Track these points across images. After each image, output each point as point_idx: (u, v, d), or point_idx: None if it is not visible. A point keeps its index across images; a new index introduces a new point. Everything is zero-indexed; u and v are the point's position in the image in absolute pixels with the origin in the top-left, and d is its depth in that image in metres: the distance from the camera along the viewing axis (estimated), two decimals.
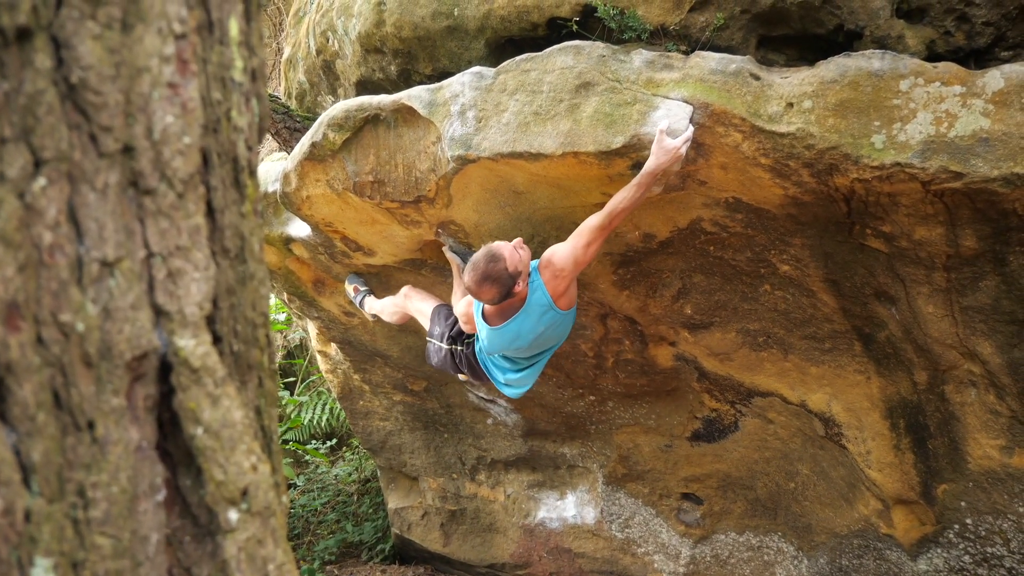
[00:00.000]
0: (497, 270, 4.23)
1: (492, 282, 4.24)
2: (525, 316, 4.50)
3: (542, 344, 4.73)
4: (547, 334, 4.63)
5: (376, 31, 5.28)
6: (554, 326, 4.58)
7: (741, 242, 4.73)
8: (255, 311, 1.46)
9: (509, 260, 4.24)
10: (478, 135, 4.39)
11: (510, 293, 4.34)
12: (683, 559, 6.86)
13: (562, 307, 4.50)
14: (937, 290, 4.36)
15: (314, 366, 11.55)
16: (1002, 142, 3.61)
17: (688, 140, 3.92)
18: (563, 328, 4.70)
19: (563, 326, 4.68)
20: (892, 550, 5.67)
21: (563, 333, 4.77)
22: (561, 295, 4.45)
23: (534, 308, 4.47)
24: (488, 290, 4.27)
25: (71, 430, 1.16)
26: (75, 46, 1.12)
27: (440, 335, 5.33)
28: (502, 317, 4.57)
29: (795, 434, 5.84)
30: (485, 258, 4.25)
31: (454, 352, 5.27)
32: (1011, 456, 4.76)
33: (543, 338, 4.65)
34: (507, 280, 4.26)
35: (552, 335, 4.69)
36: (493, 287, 4.26)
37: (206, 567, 1.33)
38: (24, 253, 1.09)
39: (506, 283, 4.27)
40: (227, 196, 1.38)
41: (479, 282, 4.25)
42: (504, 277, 4.24)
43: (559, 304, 4.48)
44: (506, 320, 4.55)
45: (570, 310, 4.60)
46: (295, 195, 5.33)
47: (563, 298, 4.47)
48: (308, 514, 10.05)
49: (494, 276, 4.23)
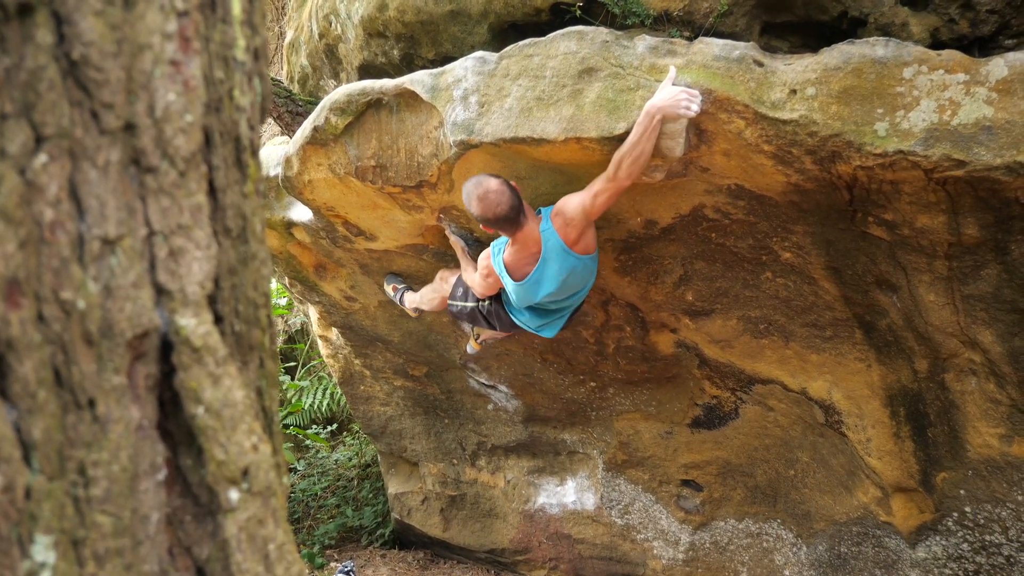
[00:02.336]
0: (495, 184, 4.30)
1: (497, 195, 4.27)
2: (544, 264, 4.55)
3: (568, 289, 4.78)
4: (570, 281, 4.68)
5: (379, 15, 5.27)
6: (575, 272, 4.62)
7: (743, 229, 4.72)
8: (256, 291, 1.46)
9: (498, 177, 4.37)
10: (480, 120, 4.38)
11: (520, 209, 4.38)
12: (682, 545, 6.87)
13: (579, 251, 4.52)
14: (938, 278, 4.36)
15: (315, 351, 11.57)
16: (1005, 130, 3.60)
17: (693, 95, 3.91)
18: (585, 273, 4.73)
19: (585, 271, 4.69)
20: (891, 538, 5.68)
21: (587, 278, 4.81)
22: (575, 242, 4.47)
23: (552, 254, 4.51)
24: (496, 204, 4.28)
25: (72, 408, 1.16)
26: (76, 22, 1.12)
27: (463, 294, 5.38)
28: (524, 267, 4.63)
29: (795, 422, 5.84)
30: (475, 181, 4.35)
31: (480, 309, 5.33)
32: (1011, 445, 4.77)
33: (567, 284, 4.70)
34: (509, 192, 4.31)
35: (575, 281, 4.72)
36: (501, 202, 4.28)
37: (206, 546, 1.33)
38: (25, 230, 1.09)
39: (510, 196, 4.31)
40: (229, 175, 1.37)
41: (484, 196, 4.28)
42: (504, 188, 4.30)
43: (576, 249, 4.50)
44: (529, 271, 4.62)
45: (589, 255, 4.62)
46: (297, 179, 5.33)
47: (578, 244, 4.49)
48: (308, 498, 10.07)
49: (495, 189, 4.28)
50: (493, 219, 4.32)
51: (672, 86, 3.93)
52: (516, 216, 4.36)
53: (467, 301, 5.35)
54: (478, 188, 4.29)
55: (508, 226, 4.40)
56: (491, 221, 4.34)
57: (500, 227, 4.40)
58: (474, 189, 4.30)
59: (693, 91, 3.91)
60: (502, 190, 4.28)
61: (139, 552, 1.24)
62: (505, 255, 4.66)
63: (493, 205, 4.27)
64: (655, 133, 3.94)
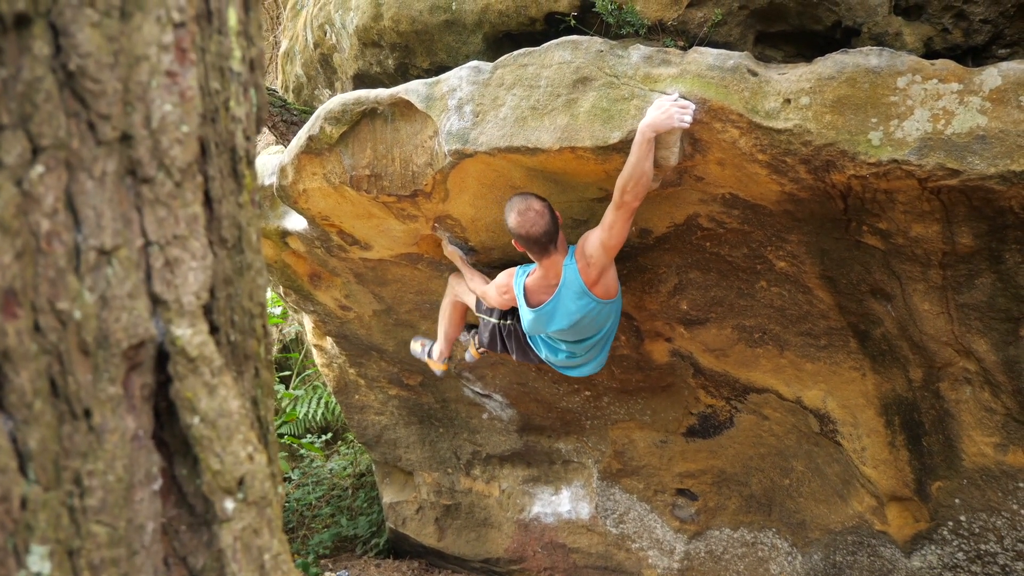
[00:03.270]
0: (538, 204, 4.36)
1: (536, 215, 4.32)
2: (559, 299, 4.59)
3: (582, 331, 4.79)
4: (585, 323, 4.70)
5: (374, 25, 5.28)
6: (591, 315, 4.64)
7: (737, 238, 4.73)
8: (252, 301, 1.46)
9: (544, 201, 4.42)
10: (475, 129, 4.39)
11: (554, 238, 4.43)
12: (677, 554, 6.87)
13: (599, 294, 4.54)
14: (933, 287, 4.37)
15: (310, 360, 11.56)
16: (999, 139, 3.61)
17: (686, 106, 3.92)
18: (602, 318, 4.74)
19: (602, 316, 4.72)
20: (886, 547, 5.68)
21: (603, 323, 4.81)
22: (595, 282, 4.49)
23: (569, 290, 4.54)
24: (532, 223, 4.32)
25: (68, 418, 1.16)
26: (73, 34, 1.12)
27: (489, 309, 5.37)
28: (540, 296, 4.67)
29: (790, 430, 5.85)
30: (521, 195, 4.41)
31: (501, 327, 5.34)
32: (1005, 453, 4.77)
33: (581, 326, 4.72)
34: (549, 216, 4.36)
35: (590, 324, 4.73)
36: (538, 222, 4.32)
37: (202, 556, 1.33)
38: (22, 240, 1.09)
39: (548, 220, 4.35)
40: (225, 186, 1.37)
41: (524, 212, 4.33)
42: (545, 211, 4.35)
43: (595, 291, 4.52)
44: (544, 300, 4.66)
45: (610, 299, 4.64)
46: (292, 188, 5.33)
47: (598, 286, 4.52)
48: (303, 508, 10.05)
49: (536, 208, 4.33)
50: (525, 236, 4.37)
51: (663, 100, 3.94)
52: (548, 242, 4.42)
53: (492, 316, 5.39)
54: (522, 202, 4.35)
55: (537, 249, 4.45)
56: (522, 238, 4.39)
57: (529, 247, 4.45)
58: (519, 202, 4.36)
59: (686, 102, 3.91)
60: (543, 211, 4.33)
61: (135, 562, 1.24)
62: (528, 279, 4.73)
63: (529, 223, 4.32)
64: (652, 151, 3.95)
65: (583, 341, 4.92)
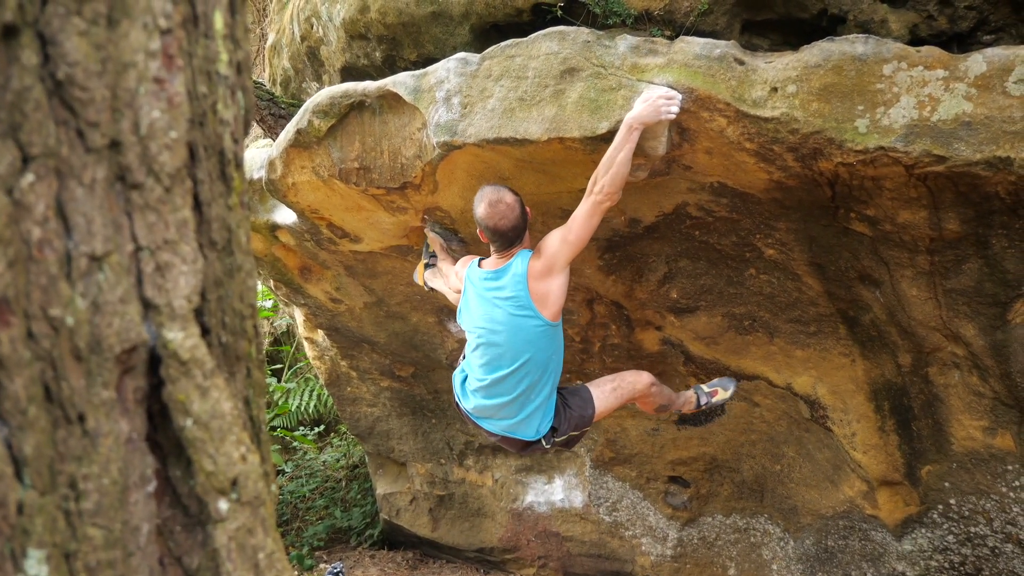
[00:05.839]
0: (510, 198, 4.27)
1: (507, 209, 4.24)
2: (495, 276, 4.41)
3: (494, 330, 4.41)
4: (500, 319, 4.37)
5: (360, 17, 5.28)
6: (517, 319, 4.33)
7: (726, 226, 4.75)
8: (243, 303, 1.47)
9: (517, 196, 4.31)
10: (463, 121, 4.39)
11: (521, 234, 4.33)
12: (670, 541, 6.90)
13: (535, 296, 4.28)
14: (921, 273, 4.39)
15: (301, 353, 11.55)
16: (984, 126, 3.63)
17: (672, 97, 3.90)
18: (528, 338, 4.35)
19: (529, 332, 4.35)
20: (877, 531, 5.71)
21: (525, 349, 4.37)
22: (538, 277, 4.25)
23: (508, 273, 4.34)
24: (502, 216, 4.23)
25: (62, 423, 1.17)
26: (61, 42, 1.13)
27: None
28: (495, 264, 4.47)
29: (781, 417, 5.87)
30: (494, 187, 4.30)
31: None
32: (994, 437, 4.81)
33: (495, 321, 4.39)
34: (519, 212, 4.27)
35: (512, 336, 4.36)
36: (507, 216, 4.24)
37: (197, 556, 1.34)
38: (13, 249, 1.10)
39: (518, 216, 4.27)
40: (214, 189, 1.38)
41: (495, 204, 4.24)
42: (516, 206, 4.27)
43: (532, 289, 4.27)
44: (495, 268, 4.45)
45: (544, 320, 4.32)
46: (280, 182, 5.33)
47: (539, 283, 4.27)
48: (296, 500, 10.06)
49: (507, 202, 4.24)
50: (492, 228, 4.27)
51: (650, 91, 3.94)
52: (515, 237, 4.33)
53: None
54: (493, 194, 4.26)
55: (501, 242, 4.35)
56: (488, 229, 4.29)
57: (494, 239, 4.35)
58: (490, 192, 4.27)
59: (672, 92, 3.92)
60: (513, 205, 4.25)
61: (130, 563, 1.26)
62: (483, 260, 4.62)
63: (499, 215, 4.23)
64: (633, 144, 3.92)
65: (495, 366, 4.47)
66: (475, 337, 4.53)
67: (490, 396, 4.53)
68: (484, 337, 4.45)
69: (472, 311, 4.55)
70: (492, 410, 4.56)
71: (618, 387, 4.80)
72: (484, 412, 4.61)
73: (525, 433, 4.57)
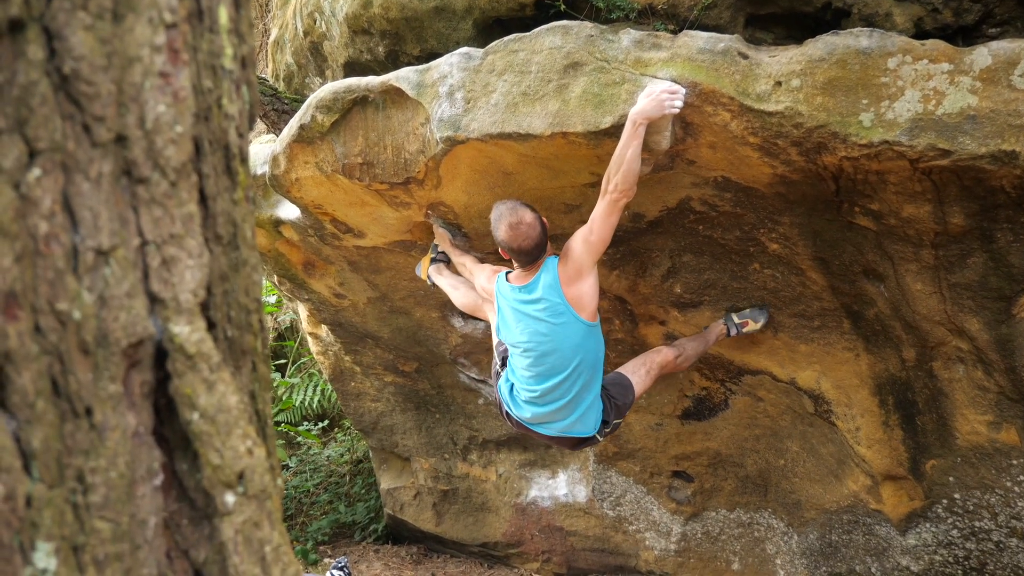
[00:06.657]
0: (530, 216, 4.26)
1: (529, 228, 4.23)
2: (531, 286, 4.42)
3: (537, 343, 4.44)
4: (541, 331, 4.41)
5: (363, 12, 5.27)
6: (559, 326, 4.37)
7: (730, 221, 4.74)
8: (248, 297, 1.47)
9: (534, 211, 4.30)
10: (467, 116, 4.39)
11: (544, 248, 4.33)
12: (674, 536, 6.90)
13: (571, 299, 4.33)
14: (925, 267, 4.39)
15: (305, 348, 11.55)
16: (989, 119, 3.62)
17: (676, 91, 3.90)
18: (573, 341, 4.41)
19: (572, 335, 4.40)
20: (881, 525, 5.71)
21: (575, 354, 4.43)
22: (570, 282, 4.30)
23: (541, 282, 4.37)
24: (525, 237, 4.23)
25: (70, 417, 1.17)
26: (67, 37, 1.13)
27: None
28: (524, 278, 4.49)
29: (784, 411, 5.87)
30: (510, 206, 4.29)
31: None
32: (998, 431, 4.81)
33: (537, 335, 4.43)
34: (540, 228, 4.27)
35: (557, 343, 4.40)
36: (531, 236, 4.23)
37: (203, 550, 1.35)
38: (20, 243, 1.10)
39: (540, 233, 4.26)
40: (219, 183, 1.38)
41: (515, 226, 4.22)
42: (537, 224, 4.26)
43: (567, 293, 4.30)
44: (525, 282, 4.47)
45: (583, 320, 4.38)
46: (284, 177, 5.33)
47: (572, 287, 4.32)
48: (301, 495, 10.07)
49: (528, 222, 4.24)
50: (517, 249, 4.29)
51: (653, 85, 3.94)
52: (539, 253, 4.34)
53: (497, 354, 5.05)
54: (512, 215, 4.24)
55: (526, 260, 4.37)
56: (513, 250, 4.30)
57: (518, 258, 4.37)
58: (508, 214, 4.25)
59: (675, 87, 3.91)
60: (534, 224, 4.25)
61: (138, 556, 1.26)
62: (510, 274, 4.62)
63: (522, 237, 4.24)
64: (640, 139, 3.92)
65: (547, 376, 4.49)
66: (520, 352, 4.54)
67: (545, 404, 4.57)
68: (532, 351, 4.47)
69: (511, 328, 4.56)
70: (548, 416, 4.62)
71: (650, 368, 4.96)
72: (541, 419, 4.66)
73: (583, 431, 4.68)
